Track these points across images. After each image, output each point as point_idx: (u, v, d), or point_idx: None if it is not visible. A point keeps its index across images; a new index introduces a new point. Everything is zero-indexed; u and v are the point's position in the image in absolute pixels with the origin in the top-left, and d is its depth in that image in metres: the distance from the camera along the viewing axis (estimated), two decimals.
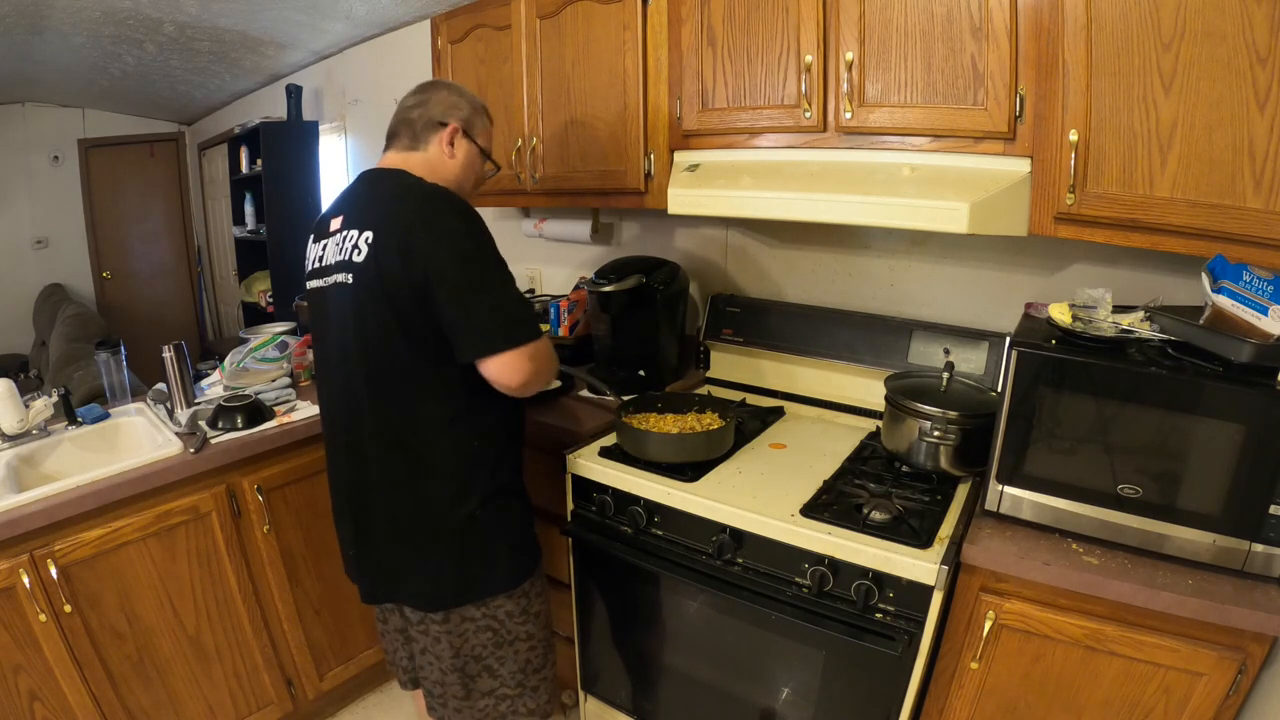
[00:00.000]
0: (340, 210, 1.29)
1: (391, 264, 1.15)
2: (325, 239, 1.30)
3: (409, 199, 1.20)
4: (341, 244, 1.24)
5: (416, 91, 1.37)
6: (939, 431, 1.38)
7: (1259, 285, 1.10)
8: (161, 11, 2.81)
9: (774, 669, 1.46)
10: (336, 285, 1.24)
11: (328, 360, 1.33)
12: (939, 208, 1.28)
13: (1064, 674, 1.20)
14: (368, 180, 1.31)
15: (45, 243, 4.85)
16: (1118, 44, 1.14)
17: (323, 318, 1.31)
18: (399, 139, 1.33)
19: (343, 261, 1.22)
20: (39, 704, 1.45)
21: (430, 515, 1.26)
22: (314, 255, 1.33)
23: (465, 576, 1.28)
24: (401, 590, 1.33)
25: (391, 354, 1.20)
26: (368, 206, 1.25)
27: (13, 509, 1.38)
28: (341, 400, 1.31)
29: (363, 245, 1.19)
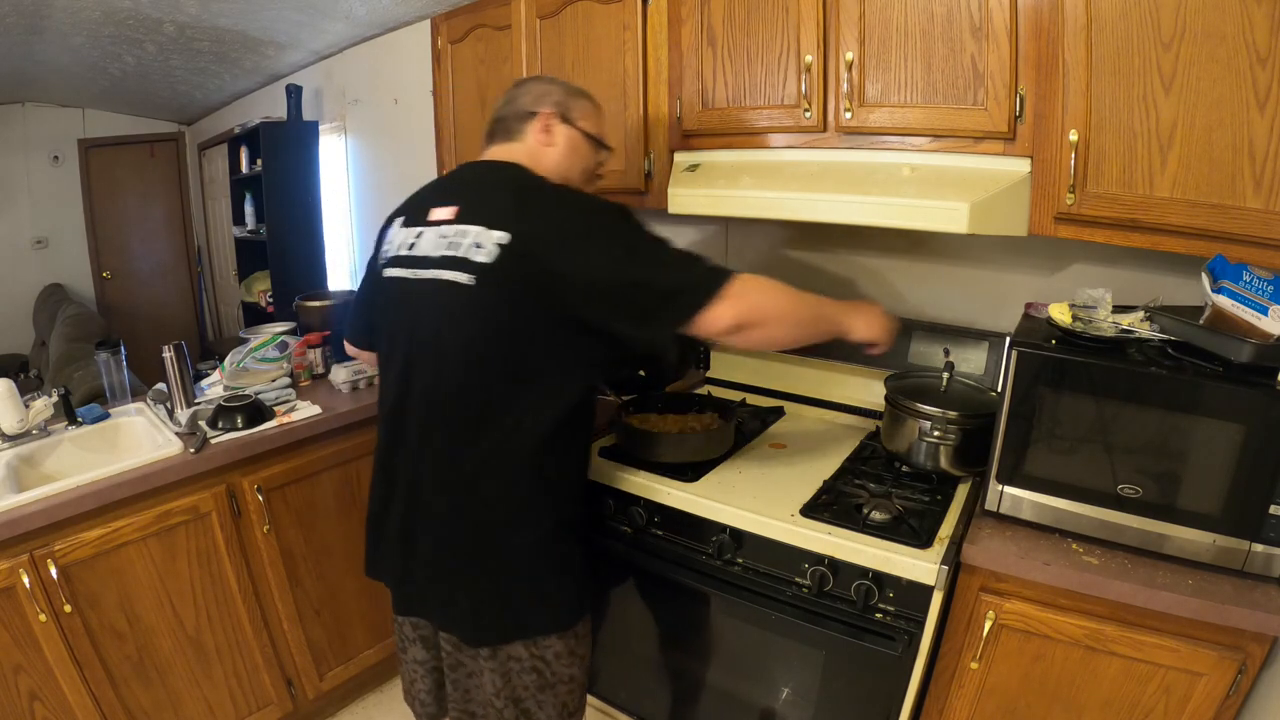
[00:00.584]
0: (450, 199, 1.18)
1: (533, 272, 1.07)
2: (421, 227, 1.19)
3: (544, 196, 1.14)
4: (452, 238, 1.13)
5: (510, 90, 1.33)
6: (939, 431, 1.38)
7: (1259, 285, 1.10)
8: (161, 11, 2.81)
9: (774, 669, 1.46)
10: (439, 282, 1.12)
11: (402, 359, 1.21)
12: (939, 208, 1.28)
13: (1064, 674, 1.20)
14: (482, 171, 1.24)
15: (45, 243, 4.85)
16: (1118, 44, 1.14)
17: (402, 312, 1.20)
18: (495, 135, 1.29)
19: (453, 258, 1.11)
20: (39, 704, 1.45)
21: (493, 543, 1.17)
22: (401, 241, 1.22)
23: (519, 612, 1.19)
24: (447, 616, 1.24)
25: (502, 365, 1.12)
26: (490, 202, 1.15)
27: (13, 509, 1.38)
28: (417, 404, 1.19)
29: (490, 245, 1.08)
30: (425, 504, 1.20)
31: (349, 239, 3.59)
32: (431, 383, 1.17)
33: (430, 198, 1.24)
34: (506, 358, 1.12)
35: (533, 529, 1.18)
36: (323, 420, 1.83)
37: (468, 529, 1.18)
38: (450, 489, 1.17)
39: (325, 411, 1.85)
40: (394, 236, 1.25)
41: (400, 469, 1.24)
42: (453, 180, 1.28)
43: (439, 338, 1.15)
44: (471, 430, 1.14)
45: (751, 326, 1.12)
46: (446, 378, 1.15)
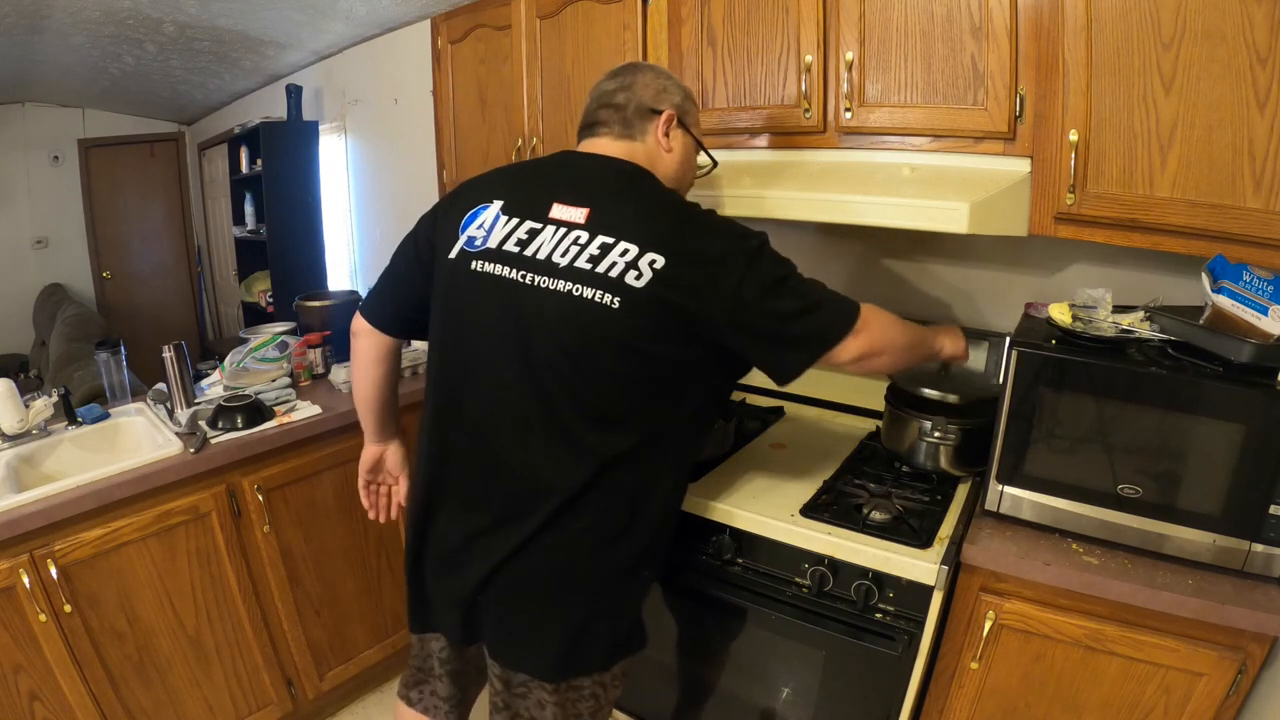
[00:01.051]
0: (577, 199, 1.05)
1: (685, 300, 0.99)
2: (537, 223, 1.05)
3: (695, 219, 1.05)
4: (591, 250, 1.01)
5: (615, 75, 1.18)
6: (939, 431, 1.38)
7: (1259, 285, 1.10)
8: (161, 11, 2.81)
9: (774, 669, 1.46)
10: (576, 299, 1.00)
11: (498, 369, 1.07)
12: (939, 208, 1.28)
13: (1064, 674, 1.20)
14: (610, 172, 1.10)
15: (45, 243, 4.85)
16: (1118, 44, 1.14)
17: (506, 316, 1.05)
18: (606, 126, 1.14)
19: (597, 275, 1.00)
20: (39, 704, 1.45)
21: (590, 574, 1.10)
22: (503, 233, 1.06)
23: (601, 642, 1.13)
24: (521, 652, 1.13)
25: (637, 389, 1.04)
26: (636, 214, 1.03)
27: (13, 509, 1.38)
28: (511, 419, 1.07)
29: (644, 268, 0.98)
30: (501, 529, 1.09)
31: (349, 239, 3.59)
32: (544, 399, 1.04)
33: (547, 189, 1.08)
34: (642, 381, 1.04)
35: (628, 559, 1.12)
36: (323, 420, 1.83)
37: (558, 557, 1.08)
38: (540, 513, 1.06)
39: (325, 411, 1.85)
40: (489, 224, 1.08)
41: (466, 489, 1.13)
42: (573, 174, 1.11)
43: (568, 356, 1.02)
44: (586, 452, 1.05)
45: (873, 356, 1.11)
46: (567, 397, 1.04)
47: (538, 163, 1.17)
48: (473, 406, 1.11)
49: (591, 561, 1.10)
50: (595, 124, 1.16)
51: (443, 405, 1.15)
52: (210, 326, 5.52)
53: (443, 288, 1.12)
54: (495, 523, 1.10)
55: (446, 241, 1.12)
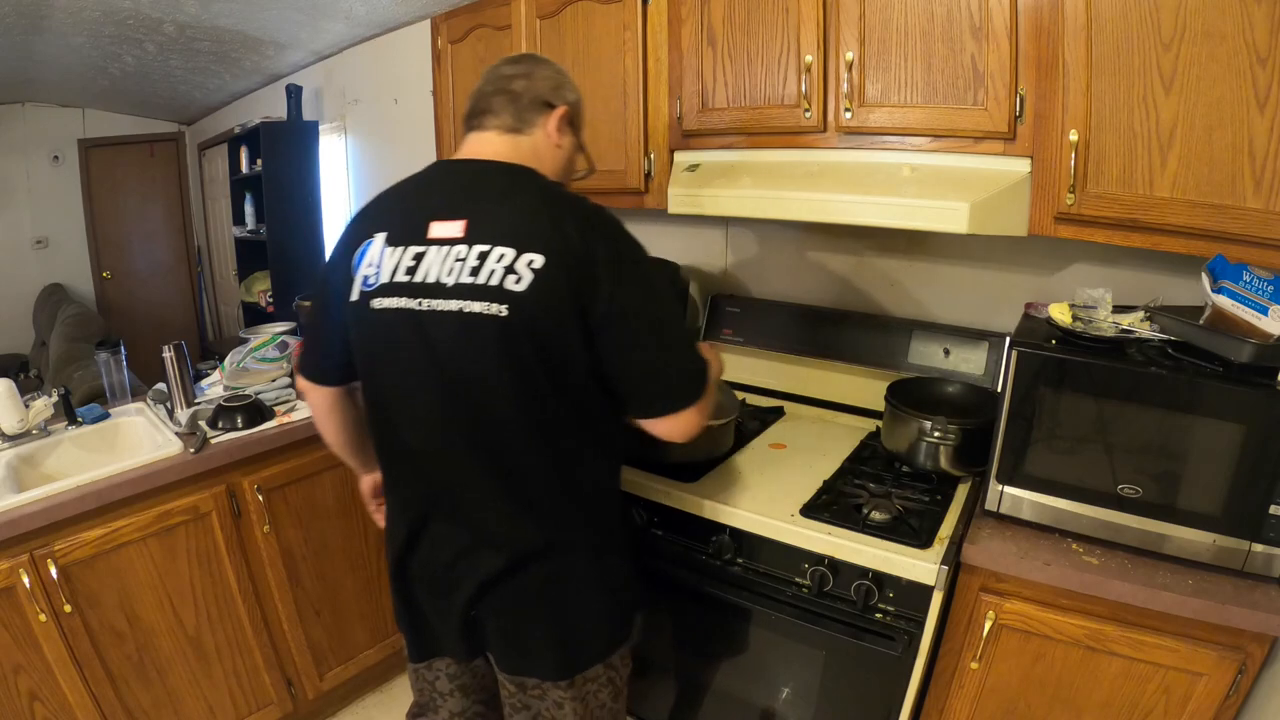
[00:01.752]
0: (453, 212, 1.01)
1: (567, 297, 0.96)
2: (420, 246, 1.01)
3: (577, 213, 1.00)
4: (472, 261, 0.98)
5: (514, 61, 1.14)
6: (939, 432, 1.38)
7: (1259, 285, 1.10)
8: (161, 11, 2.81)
9: (774, 669, 1.46)
10: (466, 315, 0.97)
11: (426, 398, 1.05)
12: (939, 208, 1.28)
13: (1064, 674, 1.20)
14: (487, 176, 1.06)
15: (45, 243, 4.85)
16: (1118, 44, 1.14)
17: (416, 348, 1.02)
18: (496, 114, 1.09)
19: (480, 286, 0.96)
20: (39, 704, 1.45)
21: (566, 569, 1.11)
22: (391, 265, 1.02)
23: (599, 631, 1.15)
24: (524, 659, 1.14)
25: (550, 408, 1.02)
26: (513, 217, 1.00)
27: (13, 509, 1.38)
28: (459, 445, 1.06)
29: (524, 270, 0.95)
30: (483, 546, 1.09)
31: None
32: (476, 421, 1.03)
33: (424, 209, 1.04)
34: (557, 387, 1.01)
35: (599, 547, 1.14)
36: None
37: (530, 561, 1.09)
38: (510, 525, 1.08)
39: None
40: (377, 259, 1.04)
41: (437, 515, 1.11)
42: (450, 186, 1.08)
43: (477, 376, 1.01)
44: (527, 462, 1.05)
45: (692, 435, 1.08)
46: (490, 417, 1.02)
47: (416, 179, 1.11)
48: (414, 441, 1.09)
49: (571, 565, 1.11)
50: (485, 112, 1.10)
51: (387, 446, 1.15)
52: (210, 326, 5.52)
53: (354, 332, 1.09)
54: (474, 543, 1.10)
55: (346, 285, 1.07)
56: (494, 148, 1.09)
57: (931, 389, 1.59)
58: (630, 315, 0.99)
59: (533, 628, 1.11)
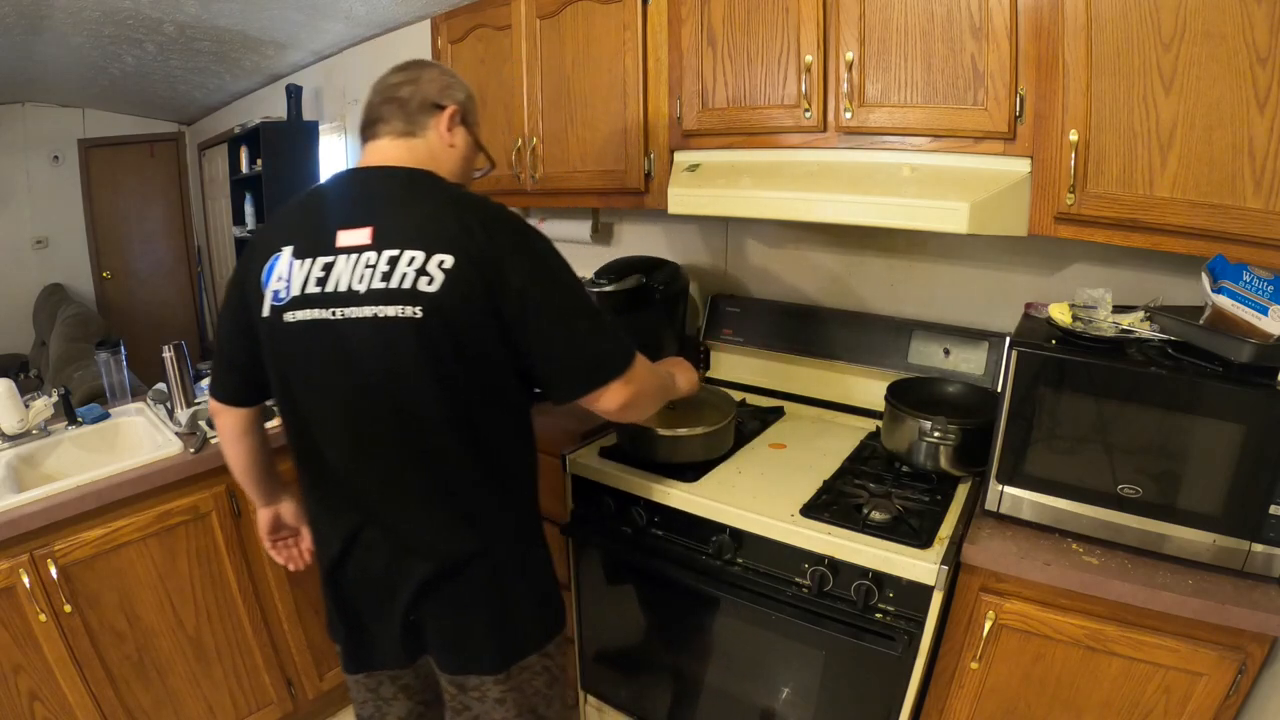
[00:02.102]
0: (359, 219, 1.02)
1: (476, 290, 0.98)
2: (328, 256, 1.01)
3: (480, 213, 1.02)
4: (382, 267, 0.99)
5: (401, 69, 1.14)
6: (939, 432, 1.38)
7: (1259, 285, 1.10)
8: (161, 11, 2.81)
9: (774, 669, 1.46)
10: (380, 320, 0.99)
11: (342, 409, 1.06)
12: (939, 208, 1.28)
13: (1064, 674, 1.20)
14: (392, 182, 1.07)
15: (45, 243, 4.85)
16: (1118, 44, 1.14)
17: (330, 358, 1.03)
18: (388, 122, 1.10)
19: (393, 290, 0.98)
20: (39, 704, 1.45)
21: (493, 564, 1.12)
22: (301, 277, 1.02)
23: (531, 620, 1.17)
24: (464, 657, 1.15)
25: (470, 401, 1.04)
26: (419, 220, 1.01)
27: (13, 509, 1.38)
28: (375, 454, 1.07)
29: (435, 271, 0.97)
30: (416, 550, 1.10)
31: None
32: (400, 426, 1.04)
33: (329, 219, 1.04)
34: (474, 385, 1.04)
35: (526, 538, 1.18)
36: None
37: (465, 561, 1.10)
38: (441, 525, 1.10)
39: None
40: (286, 273, 1.03)
41: (369, 524, 1.11)
42: (353, 194, 1.07)
43: (395, 379, 1.02)
44: (453, 462, 1.07)
45: (633, 407, 1.12)
46: (417, 418, 1.04)
47: (318, 190, 1.12)
48: (338, 452, 1.09)
49: (502, 559, 1.13)
50: (377, 121, 1.11)
51: (311, 461, 1.13)
52: (210, 326, 5.52)
53: (268, 349, 1.09)
54: (407, 547, 1.11)
55: (256, 302, 1.06)
56: (391, 154, 1.10)
57: (931, 389, 1.59)
58: (542, 305, 1.01)
59: (471, 625, 1.13)
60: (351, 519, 1.12)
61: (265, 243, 1.08)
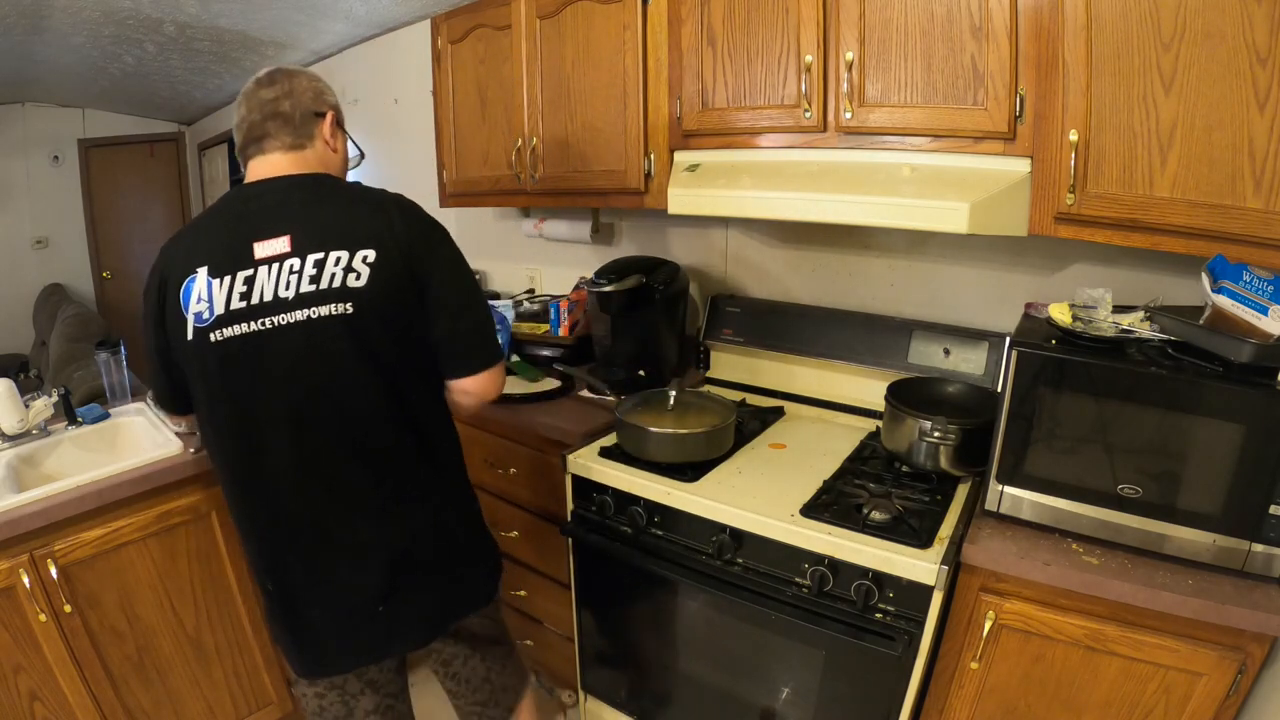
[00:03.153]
0: (273, 230, 1.05)
1: (398, 281, 1.06)
2: (247, 270, 1.04)
3: (389, 208, 1.10)
4: (309, 270, 1.03)
5: (269, 83, 1.15)
6: (939, 432, 1.38)
7: (1259, 285, 1.10)
8: (161, 11, 2.81)
9: (774, 669, 1.46)
10: (314, 321, 1.04)
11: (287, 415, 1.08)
12: (939, 208, 1.28)
13: (1064, 674, 1.20)
14: (298, 190, 1.10)
15: (45, 243, 4.85)
16: (1118, 44, 1.14)
17: (268, 367, 1.06)
18: (275, 137, 1.12)
19: (324, 291, 1.03)
20: (39, 704, 1.45)
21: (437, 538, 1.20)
22: (223, 294, 1.04)
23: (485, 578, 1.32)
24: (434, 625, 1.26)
25: (404, 383, 1.11)
26: (328, 224, 1.06)
27: (13, 509, 1.38)
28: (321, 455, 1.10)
29: (360, 266, 1.04)
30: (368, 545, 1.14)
31: None
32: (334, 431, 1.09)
33: (240, 233, 1.06)
34: (405, 370, 1.11)
35: (460, 500, 1.27)
36: None
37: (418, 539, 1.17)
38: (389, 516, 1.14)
39: None
40: (205, 293, 1.05)
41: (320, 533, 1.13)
42: (259, 206, 1.09)
43: (333, 377, 1.06)
44: (387, 452, 1.13)
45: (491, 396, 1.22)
46: (352, 417, 1.09)
47: (214, 211, 1.14)
48: (277, 461, 1.10)
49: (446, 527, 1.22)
50: (263, 137, 1.12)
51: (246, 474, 1.14)
52: None
53: (194, 368, 1.10)
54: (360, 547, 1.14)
55: (177, 325, 1.08)
56: (283, 166, 1.12)
57: (931, 389, 1.59)
58: (452, 289, 1.12)
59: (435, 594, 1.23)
60: (302, 531, 1.13)
61: (178, 266, 1.09)
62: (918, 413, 1.42)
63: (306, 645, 1.20)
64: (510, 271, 2.75)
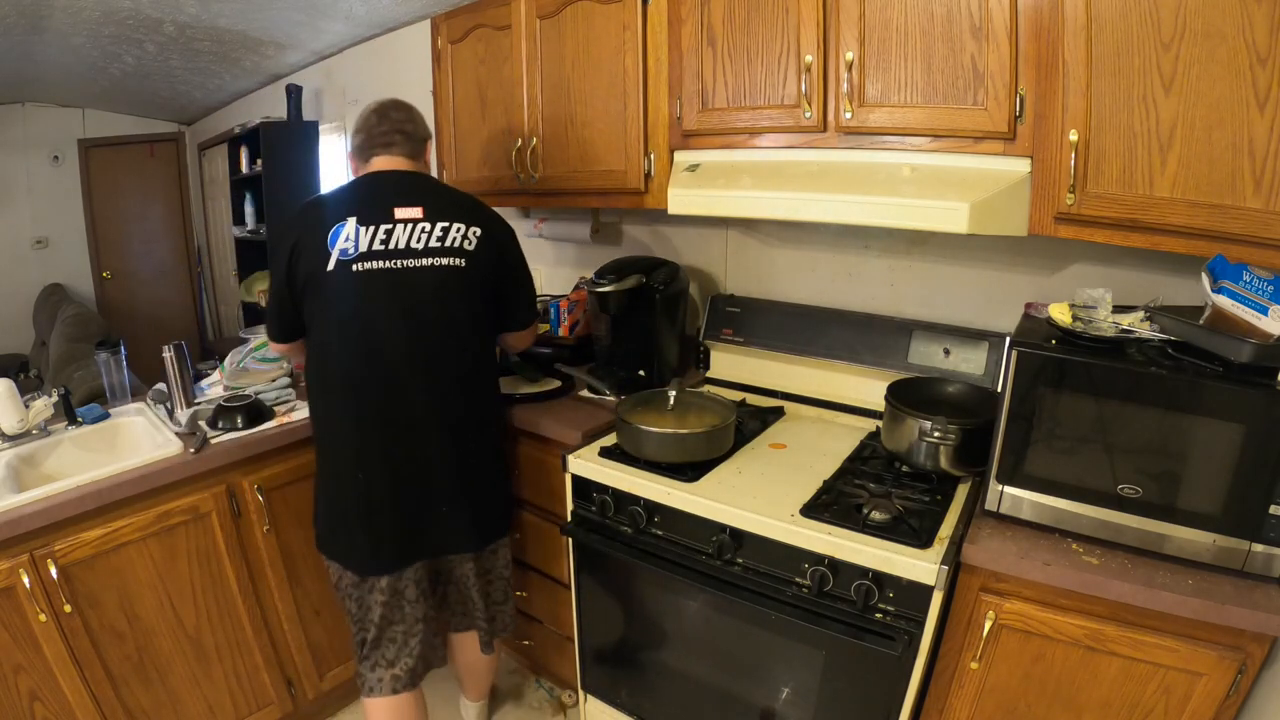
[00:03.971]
0: (410, 202, 1.47)
1: (493, 254, 1.54)
2: (389, 224, 1.45)
3: (484, 208, 1.59)
4: (437, 232, 1.47)
5: (396, 108, 1.57)
6: (939, 432, 1.38)
7: (1259, 285, 1.10)
8: (161, 11, 2.81)
9: (774, 669, 1.46)
10: (438, 267, 1.47)
11: (396, 336, 1.47)
12: (939, 208, 1.28)
13: (1064, 674, 1.20)
14: (422, 180, 1.56)
15: (45, 243, 4.85)
16: (1118, 44, 1.14)
17: (393, 296, 1.45)
18: (399, 147, 1.55)
19: (447, 247, 1.48)
20: (39, 704, 1.45)
21: (496, 459, 1.66)
22: (367, 238, 1.44)
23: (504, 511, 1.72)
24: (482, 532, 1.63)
25: (483, 324, 1.58)
26: (455, 205, 1.52)
27: (13, 509, 1.38)
28: (416, 368, 1.48)
29: (472, 237, 1.51)
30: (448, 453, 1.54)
31: None
32: (435, 347, 1.50)
33: (383, 200, 1.47)
34: (483, 317, 1.57)
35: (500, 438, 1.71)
36: None
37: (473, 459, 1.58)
38: (468, 433, 1.56)
39: None
40: (353, 235, 1.44)
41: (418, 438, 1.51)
42: (397, 186, 1.51)
43: (443, 310, 1.50)
44: (465, 375, 1.55)
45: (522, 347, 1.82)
46: (449, 340, 1.51)
47: (358, 183, 1.54)
48: (383, 373, 1.47)
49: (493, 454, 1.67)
50: (391, 144, 1.54)
51: (355, 382, 1.48)
52: (210, 326, 5.52)
53: (330, 293, 1.45)
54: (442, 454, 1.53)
55: (319, 259, 1.44)
56: (404, 165, 1.56)
57: (931, 389, 1.59)
58: (517, 267, 1.65)
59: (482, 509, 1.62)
60: (405, 430, 1.50)
61: (324, 217, 1.47)
62: (918, 413, 1.42)
63: (378, 538, 1.52)
64: None
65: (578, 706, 1.90)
